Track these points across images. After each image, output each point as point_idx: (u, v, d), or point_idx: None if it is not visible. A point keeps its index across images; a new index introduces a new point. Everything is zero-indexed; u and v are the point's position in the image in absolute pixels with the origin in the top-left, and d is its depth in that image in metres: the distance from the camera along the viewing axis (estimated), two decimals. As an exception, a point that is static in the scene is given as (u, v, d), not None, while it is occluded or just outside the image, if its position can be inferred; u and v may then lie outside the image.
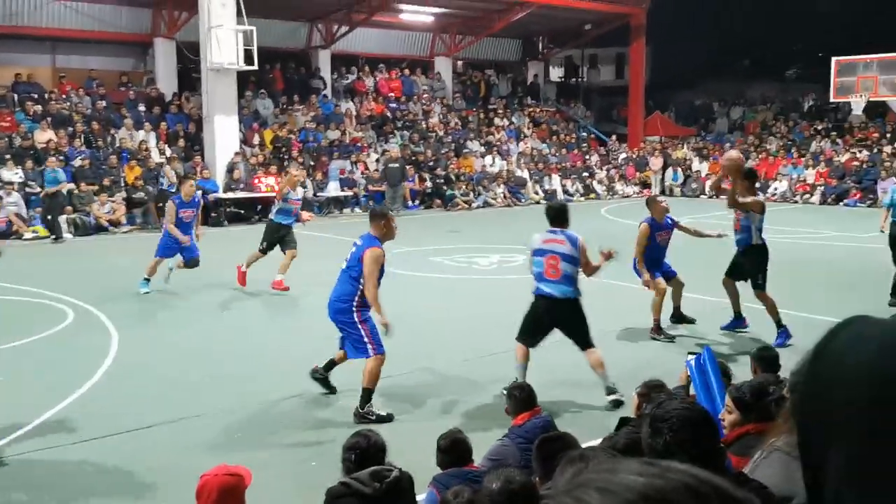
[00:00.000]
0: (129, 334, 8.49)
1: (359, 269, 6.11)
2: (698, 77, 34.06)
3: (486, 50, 30.70)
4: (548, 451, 3.06)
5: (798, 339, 7.74)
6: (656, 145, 28.86)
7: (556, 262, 6.42)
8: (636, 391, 4.43)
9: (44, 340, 8.29)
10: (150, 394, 6.64)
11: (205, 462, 4.38)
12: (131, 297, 10.39)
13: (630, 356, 7.73)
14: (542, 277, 6.48)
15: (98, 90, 21.14)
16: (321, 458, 5.23)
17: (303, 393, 6.64)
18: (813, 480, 0.84)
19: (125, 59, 23.81)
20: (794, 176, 25.15)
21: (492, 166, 24.78)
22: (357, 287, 6.12)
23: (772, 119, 30.02)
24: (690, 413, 2.16)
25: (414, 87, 27.30)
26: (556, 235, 6.54)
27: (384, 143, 24.04)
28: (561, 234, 6.53)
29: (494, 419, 5.95)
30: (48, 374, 7.15)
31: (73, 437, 5.66)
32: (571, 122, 30.64)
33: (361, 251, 6.14)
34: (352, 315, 6.16)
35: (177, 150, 20.02)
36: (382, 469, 3.15)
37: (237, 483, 3.44)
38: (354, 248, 6.28)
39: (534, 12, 25.95)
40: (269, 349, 8.06)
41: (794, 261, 13.36)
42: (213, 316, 9.51)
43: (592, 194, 25.75)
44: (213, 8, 18.84)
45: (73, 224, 16.73)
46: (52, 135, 18.65)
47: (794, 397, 0.91)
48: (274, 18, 23.93)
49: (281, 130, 22.28)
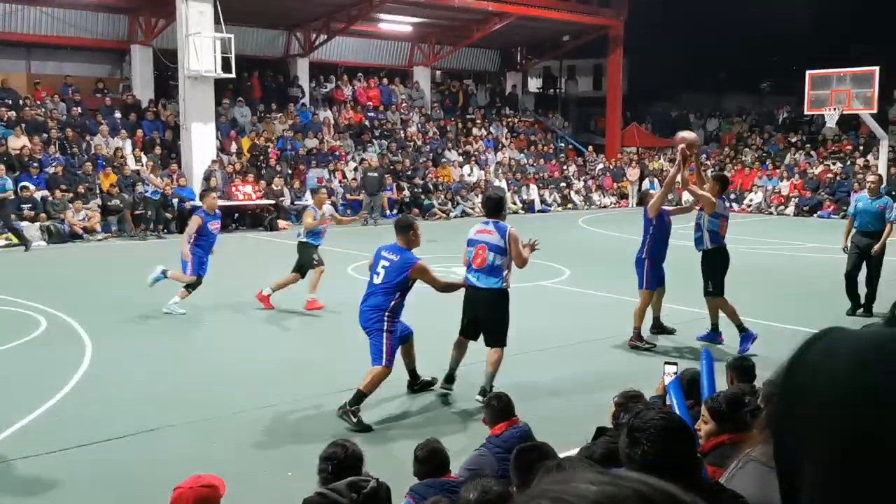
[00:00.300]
0: (103, 343, 8.38)
1: (396, 282, 6.22)
2: (675, 89, 34.45)
3: (464, 60, 30.83)
4: (525, 461, 3.06)
5: (771, 349, 7.81)
6: (633, 156, 29.10)
7: (483, 252, 6.60)
8: (613, 400, 4.45)
9: (15, 349, 8.17)
10: (123, 403, 6.56)
11: (179, 472, 4.33)
12: (105, 306, 10.27)
13: (607, 365, 7.77)
14: (471, 267, 6.71)
15: (73, 96, 20.95)
16: (297, 469, 5.19)
17: (278, 403, 6.59)
18: (788, 489, 0.84)
19: (101, 66, 23.64)
20: (769, 187, 25.47)
21: (470, 176, 24.85)
22: (391, 299, 6.25)
23: (747, 131, 30.41)
24: (668, 423, 2.17)
25: (392, 97, 27.33)
26: (487, 226, 6.72)
27: (362, 151, 24.02)
28: (491, 225, 6.69)
29: (471, 429, 5.94)
30: (20, 384, 7.05)
31: (46, 447, 5.58)
32: (549, 133, 30.81)
33: (406, 268, 6.23)
34: (382, 324, 6.27)
35: (153, 158, 19.85)
36: (360, 480, 3.14)
37: (211, 494, 3.41)
38: (388, 262, 6.31)
39: (512, 23, 26.13)
40: (244, 359, 8.00)
41: (767, 271, 13.52)
42: (188, 326, 9.42)
43: (570, 204, 25.89)
44: (191, 15, 18.77)
45: (46, 231, 16.52)
46: (27, 141, 18.43)
47: (769, 408, 0.92)
48: (252, 26, 23.89)
49: (258, 138, 22.20)
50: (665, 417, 2.21)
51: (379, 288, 6.30)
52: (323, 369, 7.61)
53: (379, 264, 6.40)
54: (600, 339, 8.84)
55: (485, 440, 4.41)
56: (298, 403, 6.60)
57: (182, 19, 18.90)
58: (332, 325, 9.47)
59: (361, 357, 7.82)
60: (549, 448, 3.35)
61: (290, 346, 8.57)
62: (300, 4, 23.05)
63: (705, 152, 29.43)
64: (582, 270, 13.26)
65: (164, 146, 20.49)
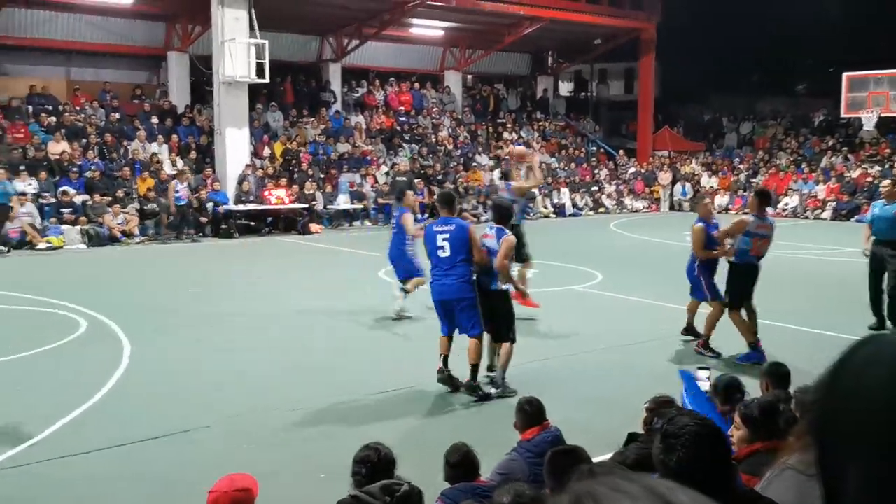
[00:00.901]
0: (141, 344, 8.54)
1: (465, 248, 6.77)
2: (708, 92, 34.09)
3: (495, 64, 30.82)
4: (559, 465, 3.07)
5: (807, 355, 7.71)
6: (665, 160, 28.87)
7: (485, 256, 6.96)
8: (644, 406, 4.43)
9: (56, 350, 8.35)
10: (159, 404, 6.68)
11: (212, 473, 4.40)
12: (142, 308, 10.45)
13: (639, 370, 7.72)
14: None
15: (112, 102, 21.34)
16: (329, 471, 5.24)
17: (310, 405, 6.66)
18: (831, 496, 0.85)
19: (139, 72, 24.05)
20: (805, 191, 25.10)
21: (500, 180, 24.80)
22: (470, 266, 6.84)
23: (782, 134, 29.99)
24: (702, 429, 2.17)
25: (424, 101, 27.42)
26: (490, 231, 7.08)
27: (394, 156, 24.13)
28: (494, 231, 7.05)
29: (502, 433, 5.95)
30: (60, 384, 7.20)
31: (85, 446, 5.69)
32: (580, 137, 30.69)
33: (465, 231, 6.85)
34: (475, 292, 6.85)
35: (188, 162, 20.16)
36: (393, 483, 3.17)
37: (246, 497, 3.46)
38: (447, 233, 6.83)
39: (544, 27, 26.08)
40: (277, 361, 8.09)
41: (803, 276, 13.33)
42: (222, 328, 9.54)
43: (601, 208, 25.76)
44: (226, 22, 19.03)
45: (86, 235, 16.86)
46: (66, 146, 18.83)
47: (812, 414, 0.92)
48: (286, 32, 24.13)
49: (291, 143, 22.41)
50: (700, 423, 2.20)
51: (456, 259, 6.77)
52: (354, 372, 7.67)
53: (437, 239, 6.83)
54: (632, 343, 8.79)
55: (516, 444, 4.42)
56: (330, 405, 6.66)
57: (217, 26, 19.17)
58: (366, 328, 9.54)
59: (393, 359, 7.89)
60: (583, 452, 3.35)
61: (323, 348, 8.65)
62: (333, 10, 23.24)
63: (738, 156, 29.13)
64: (614, 274, 13.19)
65: (199, 151, 20.79)
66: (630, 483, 0.69)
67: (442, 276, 6.83)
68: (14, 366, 7.76)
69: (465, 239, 6.75)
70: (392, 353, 8.36)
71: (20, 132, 18.99)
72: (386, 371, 7.66)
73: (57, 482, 5.18)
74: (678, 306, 10.14)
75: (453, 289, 6.78)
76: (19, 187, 17.09)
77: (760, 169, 27.26)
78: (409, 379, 7.39)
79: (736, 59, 32.28)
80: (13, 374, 7.46)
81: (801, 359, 7.80)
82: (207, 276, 13.34)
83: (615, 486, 0.68)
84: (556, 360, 8.11)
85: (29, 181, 17.41)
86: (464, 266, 6.78)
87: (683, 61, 31.54)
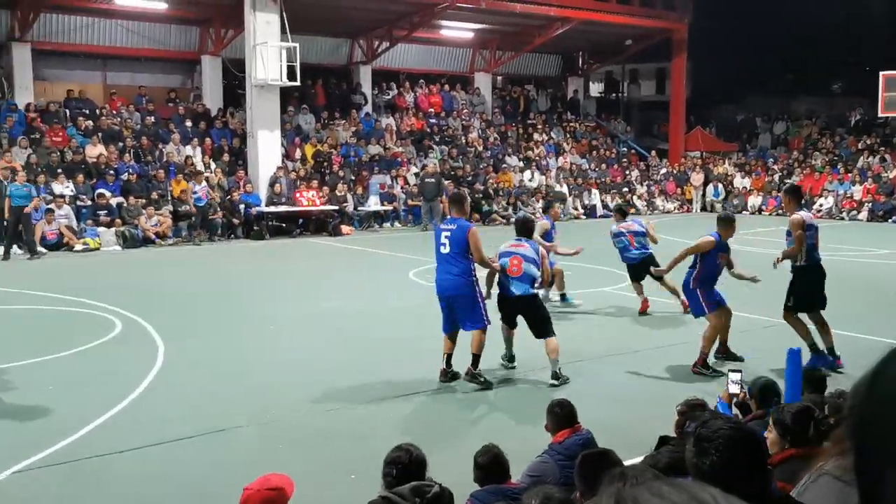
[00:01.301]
0: (174, 345, 8.66)
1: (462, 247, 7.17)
2: (741, 92, 33.65)
3: (525, 65, 30.76)
4: (591, 468, 3.06)
5: (847, 359, 7.59)
6: (697, 161, 28.57)
7: (519, 263, 7.37)
8: (676, 409, 4.40)
9: (92, 350, 8.49)
10: (193, 404, 6.77)
11: (246, 472, 4.45)
12: (176, 309, 10.60)
13: (670, 373, 7.67)
14: (507, 276, 7.45)
15: (147, 106, 21.67)
16: (360, 471, 5.27)
17: (342, 406, 6.71)
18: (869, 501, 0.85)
19: (173, 76, 24.41)
20: (841, 192, 24.69)
21: (531, 181, 24.78)
22: (471, 262, 7.21)
23: (817, 134, 29.53)
24: (737, 433, 2.15)
25: (454, 103, 27.45)
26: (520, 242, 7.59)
27: (423, 157, 24.19)
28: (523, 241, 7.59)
29: (532, 435, 5.94)
30: (96, 383, 7.32)
31: (120, 445, 5.78)
32: (611, 138, 30.50)
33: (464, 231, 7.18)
34: (476, 287, 7.23)
35: (221, 165, 20.40)
36: (423, 485, 3.18)
37: (277, 496, 3.49)
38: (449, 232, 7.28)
39: (574, 28, 25.96)
40: (309, 361, 8.15)
41: (840, 279, 13.10)
42: (254, 329, 9.64)
43: (633, 209, 25.57)
44: (258, 25, 19.23)
45: (121, 236, 17.15)
46: (103, 149, 19.16)
47: (850, 419, 0.91)
48: (317, 35, 24.32)
49: (322, 145, 22.57)
50: (733, 427, 2.18)
51: (452, 256, 7.16)
52: (387, 373, 7.70)
53: (441, 237, 7.30)
54: (662, 346, 8.72)
55: (547, 447, 4.41)
56: (362, 406, 6.70)
57: (250, 29, 19.39)
58: (397, 329, 9.57)
59: (424, 360, 7.91)
60: (615, 455, 3.33)
61: (355, 349, 8.69)
62: (363, 13, 23.37)
63: (772, 157, 28.72)
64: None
65: (232, 153, 21.03)
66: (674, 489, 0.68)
67: (444, 272, 7.30)
68: (51, 365, 7.91)
69: (463, 239, 7.12)
70: (423, 354, 8.38)
71: (58, 136, 19.37)
72: (417, 372, 7.68)
73: (94, 480, 5.28)
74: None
75: (452, 284, 7.21)
76: (57, 190, 17.44)
77: (795, 169, 26.86)
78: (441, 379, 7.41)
79: (769, 58, 31.84)
80: (50, 374, 7.60)
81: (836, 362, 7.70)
82: (240, 278, 13.48)
83: (659, 491, 0.68)
84: (587, 362, 8.08)
85: (66, 184, 17.74)
86: (463, 263, 7.15)
87: (716, 61, 31.18)
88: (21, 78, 20.42)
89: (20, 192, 15.39)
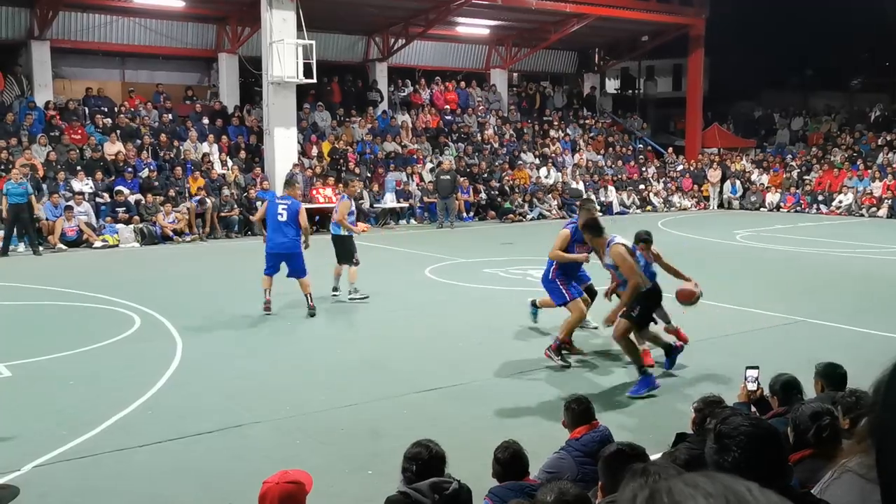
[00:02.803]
0: (193, 341, 8.72)
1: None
2: (758, 88, 33.42)
3: (541, 62, 30.69)
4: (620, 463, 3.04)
5: (863, 356, 7.53)
6: (714, 157, 28.40)
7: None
8: (693, 406, 4.40)
9: (112, 346, 8.57)
10: (211, 399, 6.82)
11: (264, 468, 4.49)
12: (194, 305, 10.67)
13: (687, 370, 7.63)
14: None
15: (165, 103, 21.81)
16: (376, 467, 5.30)
17: (358, 402, 6.73)
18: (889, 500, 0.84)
19: (191, 74, 24.56)
20: (861, 188, 24.47)
21: (547, 178, 24.73)
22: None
23: (836, 130, 29.26)
24: (758, 430, 2.15)
25: (469, 100, 27.44)
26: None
27: (439, 154, 24.19)
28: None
29: (550, 431, 5.94)
30: (116, 379, 7.39)
31: (140, 439, 5.84)
32: (627, 134, 30.38)
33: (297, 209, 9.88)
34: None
35: (238, 162, 20.50)
36: (442, 481, 3.19)
37: (297, 490, 3.51)
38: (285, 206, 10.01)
39: (591, 24, 25.87)
40: (326, 358, 8.19)
41: (859, 276, 13.00)
42: (272, 325, 9.69)
43: (649, 207, 25.47)
44: (274, 23, 19.30)
45: (139, 233, 17.28)
46: (121, 147, 19.31)
47: (870, 417, 0.91)
48: (333, 32, 24.39)
49: (338, 142, 22.63)
50: (754, 423, 2.18)
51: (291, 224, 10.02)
52: (403, 369, 7.72)
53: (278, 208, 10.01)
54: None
55: (564, 443, 4.41)
56: (379, 402, 6.72)
57: (266, 27, 19.46)
58: (414, 326, 9.60)
59: (441, 356, 7.93)
60: (642, 450, 3.30)
61: (371, 345, 8.72)
62: (379, 10, 23.39)
63: (791, 153, 28.49)
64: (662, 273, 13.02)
65: (249, 150, 21.14)
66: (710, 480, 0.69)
67: (280, 236, 9.93)
68: (71, 361, 7.99)
69: (297, 211, 9.92)
70: (440, 351, 8.40)
71: (77, 133, 19.54)
72: (434, 368, 7.70)
73: (114, 474, 5.33)
74: (728, 306, 10.01)
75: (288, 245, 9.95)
76: (76, 187, 17.59)
77: (814, 166, 26.64)
78: (458, 376, 7.43)
79: (787, 53, 31.59)
80: (71, 369, 7.68)
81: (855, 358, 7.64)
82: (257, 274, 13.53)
83: (694, 482, 0.68)
84: (604, 360, 8.06)
85: (86, 181, 17.90)
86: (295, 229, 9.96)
87: (733, 57, 30.97)
88: (40, 76, 20.62)
89: (17, 190, 15.55)
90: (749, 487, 0.70)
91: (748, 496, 0.69)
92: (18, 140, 18.39)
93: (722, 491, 0.68)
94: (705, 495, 0.68)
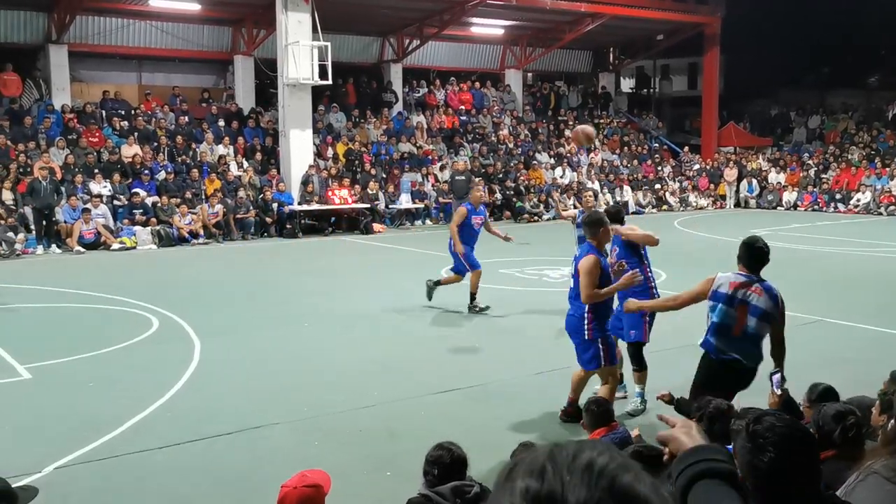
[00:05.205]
0: (210, 343, 8.76)
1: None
2: (775, 86, 33.16)
3: (556, 61, 30.61)
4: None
5: (885, 355, 7.45)
6: (731, 156, 28.22)
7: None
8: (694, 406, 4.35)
9: (130, 348, 8.62)
10: (229, 401, 6.84)
11: (282, 469, 4.49)
12: (211, 307, 10.71)
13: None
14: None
15: (181, 106, 21.93)
16: (395, 469, 5.30)
17: (377, 403, 6.73)
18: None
19: (207, 76, 24.69)
20: (879, 187, 24.24)
21: (562, 178, 24.66)
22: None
23: (853, 128, 29.00)
24: (795, 431, 2.13)
25: (484, 100, 27.41)
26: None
27: (454, 155, 24.18)
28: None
29: (569, 434, 5.92)
30: (134, 381, 7.43)
31: (159, 441, 5.86)
32: (643, 134, 30.25)
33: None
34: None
35: (254, 164, 20.58)
36: (464, 484, 3.18)
37: (315, 494, 3.51)
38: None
39: (605, 24, 25.78)
40: (344, 359, 8.19)
41: (878, 275, 12.87)
42: (289, 326, 9.71)
43: (665, 206, 25.35)
44: (290, 25, 19.37)
45: (156, 235, 17.38)
46: (139, 149, 19.43)
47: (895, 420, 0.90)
48: (348, 34, 24.43)
49: (353, 144, 22.67)
50: (788, 424, 2.17)
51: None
52: (420, 371, 7.72)
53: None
54: (688, 345, 8.60)
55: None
56: (398, 404, 6.72)
57: (282, 29, 19.53)
58: (432, 327, 9.59)
59: (460, 358, 7.92)
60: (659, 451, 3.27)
61: (390, 347, 8.72)
62: (394, 11, 23.42)
63: (808, 151, 28.26)
64: (679, 273, 12.94)
65: (265, 152, 21.21)
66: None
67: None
68: (91, 363, 8.04)
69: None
70: (459, 352, 8.39)
71: (94, 136, 19.68)
72: (451, 369, 7.69)
73: (133, 476, 5.35)
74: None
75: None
76: (94, 190, 17.72)
77: (831, 164, 26.41)
78: (477, 378, 7.41)
79: (803, 51, 31.34)
80: (90, 371, 7.73)
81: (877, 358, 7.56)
82: (274, 276, 13.59)
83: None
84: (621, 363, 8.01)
85: (104, 184, 18.03)
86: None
87: (749, 55, 30.76)
88: (58, 79, 20.78)
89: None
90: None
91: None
92: (37, 143, 18.55)
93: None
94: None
